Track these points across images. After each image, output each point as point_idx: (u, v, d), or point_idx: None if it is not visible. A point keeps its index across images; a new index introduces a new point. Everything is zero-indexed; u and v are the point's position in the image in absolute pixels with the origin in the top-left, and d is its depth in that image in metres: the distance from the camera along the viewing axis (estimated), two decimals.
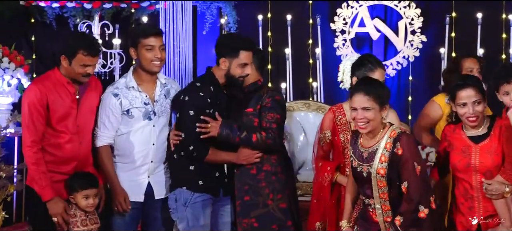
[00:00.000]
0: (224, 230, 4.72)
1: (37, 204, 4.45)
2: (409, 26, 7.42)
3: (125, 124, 4.54)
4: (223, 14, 7.61)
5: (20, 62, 7.15)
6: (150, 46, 4.53)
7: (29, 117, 4.35)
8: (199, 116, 4.46)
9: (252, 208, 4.59)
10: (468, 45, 7.24)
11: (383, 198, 3.97)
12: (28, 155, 4.39)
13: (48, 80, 4.43)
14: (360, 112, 3.92)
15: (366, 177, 3.99)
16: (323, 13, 7.66)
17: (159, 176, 4.61)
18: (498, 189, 4.17)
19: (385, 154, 3.93)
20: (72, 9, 7.55)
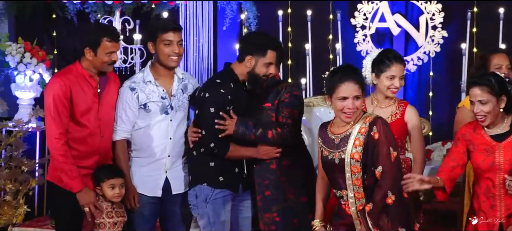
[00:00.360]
0: (244, 225, 4.72)
1: (60, 198, 4.48)
2: (430, 21, 7.37)
3: (143, 118, 4.55)
4: (243, 9, 7.59)
5: (41, 57, 7.21)
6: (168, 41, 4.53)
7: (55, 109, 4.36)
8: (219, 113, 4.45)
9: (273, 202, 4.59)
10: (490, 41, 7.15)
11: (357, 184, 3.93)
12: (56, 147, 4.39)
13: (70, 74, 4.46)
14: (351, 101, 3.91)
15: (338, 164, 3.94)
16: (343, 9, 7.62)
17: (176, 171, 4.61)
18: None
19: (359, 138, 3.91)
20: (93, 5, 7.57)
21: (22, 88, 7.17)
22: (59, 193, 4.46)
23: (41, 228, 6.24)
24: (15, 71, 7.19)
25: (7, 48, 7.22)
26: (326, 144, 4.04)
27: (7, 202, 5.79)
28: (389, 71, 4.51)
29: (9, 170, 5.79)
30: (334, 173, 4.00)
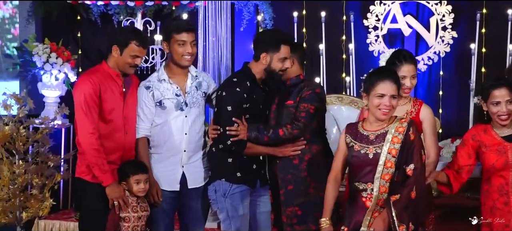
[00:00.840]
0: (262, 219, 4.71)
1: (88, 194, 4.50)
2: (440, 22, 7.38)
3: (159, 115, 4.56)
4: (260, 11, 7.61)
5: (67, 57, 7.24)
6: (182, 41, 4.53)
7: (86, 106, 4.38)
8: (236, 111, 4.46)
9: (295, 196, 4.59)
10: (498, 41, 7.19)
11: (385, 179, 3.97)
12: (90, 142, 4.39)
13: (98, 73, 4.49)
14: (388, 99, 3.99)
15: (372, 158, 3.99)
16: (356, 10, 7.64)
17: (193, 166, 4.61)
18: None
19: (397, 136, 3.97)
20: (116, 7, 7.61)
21: (48, 86, 7.20)
22: (88, 189, 4.48)
23: (66, 220, 6.22)
24: (42, 70, 7.21)
25: (34, 48, 7.25)
26: (358, 140, 4.08)
27: (34, 196, 5.83)
28: (400, 71, 4.45)
29: (36, 165, 5.84)
30: (364, 167, 4.04)
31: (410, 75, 4.52)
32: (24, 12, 7.94)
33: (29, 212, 5.83)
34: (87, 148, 4.40)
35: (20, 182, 5.73)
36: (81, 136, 4.43)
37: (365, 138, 4.06)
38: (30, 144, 5.86)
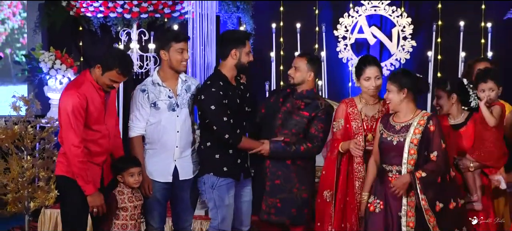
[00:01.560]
0: (245, 207, 4.71)
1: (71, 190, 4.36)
2: (401, 32, 7.39)
3: (153, 115, 4.51)
4: (242, 22, 7.61)
5: (70, 63, 7.24)
6: (180, 49, 4.50)
7: (74, 119, 4.21)
8: (219, 107, 4.42)
9: (279, 191, 4.60)
10: (452, 50, 7.18)
11: (410, 163, 4.16)
12: (76, 154, 4.23)
13: (84, 85, 4.29)
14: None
15: (396, 145, 4.20)
16: (328, 22, 7.65)
17: (184, 160, 4.58)
18: (465, 164, 4.35)
19: (418, 128, 4.17)
20: (114, 19, 7.56)
21: (53, 90, 7.19)
22: (72, 186, 4.33)
23: None
24: (47, 75, 7.22)
25: (41, 56, 7.27)
26: (387, 129, 4.29)
27: (41, 187, 5.77)
28: (365, 73, 4.54)
29: (42, 160, 5.78)
30: (390, 152, 4.25)
31: (374, 76, 4.55)
32: (32, 23, 7.94)
33: (36, 202, 5.76)
34: (73, 160, 4.26)
35: (28, 175, 5.68)
36: (67, 148, 4.27)
37: (392, 128, 4.27)
38: (37, 141, 5.80)
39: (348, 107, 4.59)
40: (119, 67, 4.28)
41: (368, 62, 4.60)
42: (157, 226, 4.60)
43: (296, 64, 4.68)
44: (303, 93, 4.64)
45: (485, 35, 7.21)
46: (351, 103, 4.62)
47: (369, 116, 4.58)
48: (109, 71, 4.28)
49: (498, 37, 7.22)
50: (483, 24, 7.25)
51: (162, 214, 4.62)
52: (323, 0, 7.71)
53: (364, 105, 4.60)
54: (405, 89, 4.23)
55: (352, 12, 7.43)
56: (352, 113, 4.57)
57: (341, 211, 4.54)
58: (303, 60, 4.66)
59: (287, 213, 4.60)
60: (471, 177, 4.33)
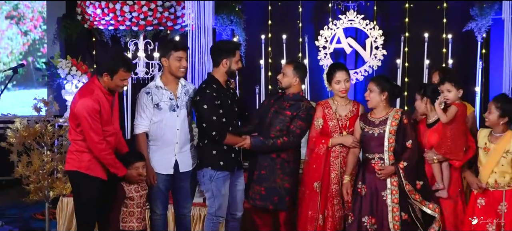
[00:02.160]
0: (238, 195, 4.73)
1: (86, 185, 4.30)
2: (373, 43, 7.41)
3: (156, 115, 4.50)
4: (235, 34, 7.59)
5: (84, 70, 7.21)
6: (179, 57, 4.49)
7: (93, 121, 4.17)
8: (211, 107, 4.43)
9: (264, 180, 4.63)
10: (417, 58, 7.24)
11: (390, 150, 4.32)
12: (101, 149, 4.19)
13: (96, 92, 4.24)
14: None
15: (377, 136, 4.38)
16: (310, 34, 7.66)
17: (183, 155, 4.57)
18: (430, 156, 4.38)
19: (394, 121, 4.36)
20: (123, 31, 7.58)
21: (70, 93, 7.15)
22: (87, 181, 4.27)
23: None
24: (65, 80, 7.18)
25: (59, 63, 7.23)
26: (367, 124, 4.45)
27: (59, 179, 5.79)
28: (335, 77, 4.61)
29: (60, 155, 5.80)
30: (371, 142, 4.41)
31: (343, 79, 4.60)
32: (51, 35, 7.95)
33: (55, 191, 5.79)
34: (100, 154, 4.22)
35: (47, 168, 5.70)
36: (93, 146, 4.21)
37: (372, 123, 4.42)
38: (56, 138, 5.81)
39: (324, 109, 4.65)
40: (123, 66, 4.26)
41: (338, 67, 4.67)
42: (160, 213, 4.61)
43: (284, 71, 4.70)
44: (290, 96, 4.65)
45: (446, 45, 7.27)
46: (326, 105, 4.68)
47: (343, 116, 4.63)
48: (116, 74, 4.25)
49: (457, 47, 7.29)
50: (445, 35, 7.31)
51: (164, 202, 4.63)
52: (306, 15, 7.72)
53: (338, 106, 4.64)
54: (386, 92, 4.38)
55: (331, 25, 7.46)
56: (328, 114, 4.63)
57: (324, 199, 4.61)
58: (290, 67, 4.67)
59: (270, 200, 4.63)
60: (437, 168, 4.36)
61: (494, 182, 4.18)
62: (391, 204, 4.32)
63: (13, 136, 5.70)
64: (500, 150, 4.14)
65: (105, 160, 4.24)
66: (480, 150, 4.25)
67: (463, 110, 4.39)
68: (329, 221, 4.58)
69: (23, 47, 8.02)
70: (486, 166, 4.19)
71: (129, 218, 4.43)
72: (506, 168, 4.16)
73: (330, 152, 4.61)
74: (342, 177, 4.56)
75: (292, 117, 4.60)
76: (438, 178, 4.36)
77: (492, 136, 4.23)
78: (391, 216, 4.31)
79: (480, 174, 4.25)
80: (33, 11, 8.04)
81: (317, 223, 4.59)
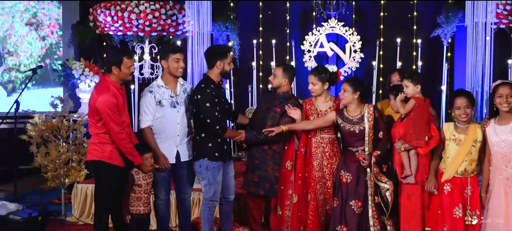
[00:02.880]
0: (230, 182, 4.70)
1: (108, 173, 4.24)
2: (352, 47, 7.43)
3: (159, 111, 4.45)
4: (231, 39, 7.60)
5: (96, 71, 7.18)
6: (177, 58, 4.44)
7: (113, 114, 4.12)
8: (212, 105, 4.38)
9: (257, 168, 4.61)
10: (391, 60, 7.25)
11: (370, 143, 4.34)
12: (122, 138, 4.13)
13: (111, 88, 4.20)
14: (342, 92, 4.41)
15: (358, 133, 4.33)
16: (296, 39, 7.68)
17: (184, 146, 4.53)
18: (398, 146, 4.31)
19: (370, 117, 4.34)
20: (130, 36, 7.54)
21: (83, 91, 7.13)
22: (110, 170, 4.21)
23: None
24: (78, 80, 7.15)
25: (73, 65, 7.20)
26: (346, 121, 4.38)
27: (74, 167, 5.76)
28: (309, 80, 4.58)
29: (75, 146, 5.77)
30: (353, 137, 4.37)
31: (311, 81, 4.56)
32: (66, 39, 7.89)
33: (70, 178, 5.76)
34: (120, 144, 4.16)
35: (63, 158, 5.67)
36: (114, 136, 4.15)
37: (350, 121, 4.38)
38: (71, 131, 5.79)
39: (307, 105, 4.64)
40: (124, 55, 4.23)
41: (311, 72, 4.63)
42: (164, 198, 4.57)
43: (274, 72, 4.67)
44: (280, 94, 4.63)
45: (416, 49, 7.31)
46: (309, 102, 4.66)
47: (323, 111, 4.59)
48: (122, 64, 4.19)
49: (425, 51, 7.30)
50: (415, 40, 7.34)
51: (167, 188, 4.59)
52: (293, 22, 7.72)
53: (319, 102, 4.63)
54: (358, 92, 4.35)
55: (315, 31, 7.47)
56: (310, 109, 4.62)
57: (301, 179, 4.57)
58: (280, 69, 4.65)
59: (262, 187, 4.61)
60: (405, 156, 4.30)
61: (464, 170, 4.14)
62: (370, 189, 4.35)
63: (33, 130, 5.68)
64: (470, 140, 4.11)
65: (125, 148, 4.18)
66: (450, 142, 4.20)
67: (421, 102, 4.30)
68: (311, 204, 4.54)
69: (41, 51, 7.96)
70: (459, 155, 4.15)
71: (137, 202, 4.39)
72: (475, 156, 4.14)
73: (307, 142, 4.59)
74: (324, 166, 4.53)
75: (281, 113, 4.58)
76: (406, 165, 4.32)
77: (458, 128, 4.19)
78: (370, 199, 4.35)
79: (451, 164, 4.18)
80: (50, 19, 7.97)
81: (291, 201, 4.57)
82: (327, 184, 4.53)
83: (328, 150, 4.53)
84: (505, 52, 6.92)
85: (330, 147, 4.53)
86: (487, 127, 4.10)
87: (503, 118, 4.04)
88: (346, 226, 4.35)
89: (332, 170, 4.52)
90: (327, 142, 4.54)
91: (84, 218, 5.66)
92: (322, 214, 4.55)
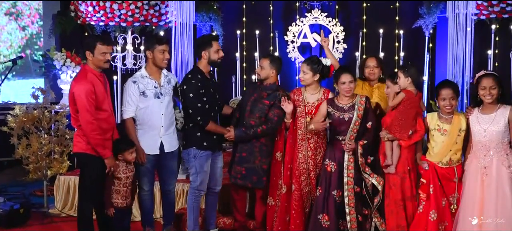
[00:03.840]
0: (218, 172, 4.71)
1: (89, 164, 4.25)
2: (335, 37, 7.42)
3: (143, 102, 4.43)
4: (214, 29, 7.54)
5: (78, 61, 7.10)
6: (162, 50, 4.44)
7: (88, 103, 4.10)
8: (196, 95, 4.38)
9: (245, 161, 4.61)
10: (374, 50, 7.22)
11: (354, 131, 4.34)
12: (93, 128, 4.12)
13: (89, 75, 4.18)
14: (348, 84, 4.34)
15: (347, 120, 4.35)
16: (280, 29, 7.65)
17: (168, 137, 4.52)
18: (383, 135, 4.34)
19: (361, 106, 4.36)
20: (113, 26, 7.45)
21: (64, 82, 7.06)
22: (91, 161, 4.21)
23: (77, 176, 6.08)
24: (60, 71, 7.08)
25: (54, 55, 7.11)
26: (336, 109, 4.39)
27: (56, 159, 5.73)
28: (301, 68, 4.60)
29: (57, 138, 5.73)
30: (342, 126, 4.37)
31: (302, 69, 4.57)
32: (47, 30, 7.78)
33: (52, 170, 5.72)
34: (90, 134, 4.14)
35: (45, 150, 5.64)
36: (85, 125, 4.13)
37: (341, 108, 4.39)
38: (52, 123, 5.74)
39: (295, 95, 4.64)
40: (98, 40, 4.21)
41: (303, 62, 4.64)
42: (148, 189, 4.56)
43: (262, 64, 4.65)
44: (267, 86, 4.62)
45: (398, 39, 7.33)
46: (297, 93, 4.66)
47: (311, 102, 4.60)
48: (95, 49, 4.18)
49: (408, 42, 7.34)
50: (397, 31, 7.36)
51: (151, 179, 4.58)
52: (276, 13, 7.69)
53: (308, 94, 4.63)
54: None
55: (298, 22, 7.45)
56: (297, 100, 4.62)
57: (289, 170, 4.59)
58: (267, 60, 4.63)
59: (249, 179, 4.62)
60: (388, 146, 4.34)
61: (449, 159, 4.19)
62: (347, 178, 4.36)
63: (13, 121, 5.62)
64: (455, 130, 4.16)
65: (94, 139, 4.15)
66: (434, 131, 4.22)
67: (411, 96, 4.31)
68: (295, 193, 4.57)
69: (22, 41, 7.85)
70: (446, 145, 4.19)
71: (115, 195, 4.38)
72: (459, 145, 4.19)
73: (296, 132, 4.59)
74: (308, 158, 4.54)
75: (270, 105, 4.57)
76: (388, 155, 4.35)
77: (442, 118, 4.24)
78: (346, 188, 4.35)
79: (437, 154, 4.21)
80: (30, 8, 7.86)
81: (280, 191, 4.60)
82: (311, 175, 4.55)
83: (312, 142, 4.55)
84: (485, 43, 7.00)
85: (315, 139, 4.55)
86: (471, 115, 4.16)
87: (486, 108, 4.10)
88: (328, 215, 4.37)
89: (316, 161, 4.54)
90: (312, 134, 4.55)
91: (67, 210, 5.62)
92: (307, 205, 4.57)
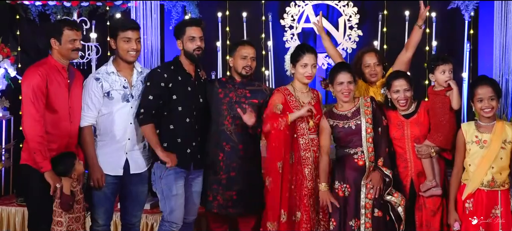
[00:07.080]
0: (194, 197, 4.71)
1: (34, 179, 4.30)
2: (347, 22, 7.45)
3: (106, 105, 4.44)
4: (187, 11, 7.52)
5: (6, 53, 7.03)
6: (127, 38, 4.46)
7: (34, 96, 4.20)
8: (152, 86, 4.46)
9: (235, 183, 4.67)
10: (398, 39, 7.24)
11: (369, 141, 4.45)
12: (36, 129, 4.20)
13: (46, 65, 4.32)
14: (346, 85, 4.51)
15: (355, 128, 4.49)
16: (274, 11, 7.64)
17: (135, 154, 4.53)
18: (426, 150, 4.42)
19: (368, 109, 4.52)
20: (53, 7, 7.40)
21: None
22: (35, 175, 4.29)
23: (7, 206, 6.04)
24: None
25: None
26: (338, 119, 4.56)
27: None
28: (302, 60, 4.69)
29: None
30: (350, 136, 4.52)
31: (311, 63, 4.70)
32: None
33: None
34: (32, 135, 4.19)
35: None
36: (27, 123, 4.22)
37: (343, 117, 4.51)
38: None
39: (286, 95, 4.72)
40: (65, 25, 4.37)
41: (306, 49, 4.75)
42: (103, 223, 4.53)
43: (253, 55, 4.85)
44: (245, 82, 4.76)
45: (429, 24, 7.31)
46: (286, 92, 4.74)
47: (306, 103, 4.70)
48: (61, 35, 4.33)
49: (442, 27, 7.36)
50: (428, 14, 7.29)
51: (109, 210, 4.56)
52: None
53: (297, 93, 4.72)
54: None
55: (298, 1, 7.46)
56: (291, 101, 4.70)
57: (288, 191, 4.60)
58: (253, 49, 4.87)
59: (242, 207, 4.69)
60: (429, 162, 4.40)
61: (491, 180, 4.19)
62: (364, 200, 4.44)
63: None
64: (497, 141, 4.17)
65: (34, 142, 4.19)
66: (471, 145, 4.26)
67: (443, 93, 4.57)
68: (303, 227, 4.54)
69: None
70: (485, 160, 4.22)
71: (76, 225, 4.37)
72: (505, 162, 4.19)
73: (293, 146, 4.65)
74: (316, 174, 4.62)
75: (259, 104, 4.69)
76: (430, 174, 4.40)
77: (481, 127, 4.26)
78: (363, 213, 4.44)
79: (474, 173, 4.23)
80: None
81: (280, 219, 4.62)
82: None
83: (319, 155, 4.66)
84: None
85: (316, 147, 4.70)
86: None
87: None
88: None
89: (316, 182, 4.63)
90: (317, 144, 4.65)
91: None
92: None
